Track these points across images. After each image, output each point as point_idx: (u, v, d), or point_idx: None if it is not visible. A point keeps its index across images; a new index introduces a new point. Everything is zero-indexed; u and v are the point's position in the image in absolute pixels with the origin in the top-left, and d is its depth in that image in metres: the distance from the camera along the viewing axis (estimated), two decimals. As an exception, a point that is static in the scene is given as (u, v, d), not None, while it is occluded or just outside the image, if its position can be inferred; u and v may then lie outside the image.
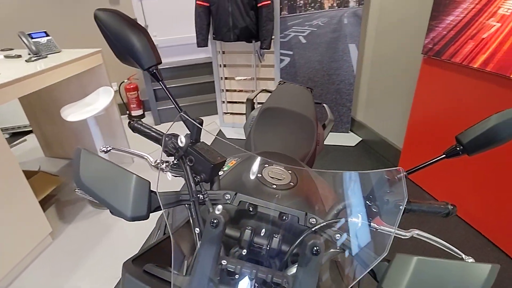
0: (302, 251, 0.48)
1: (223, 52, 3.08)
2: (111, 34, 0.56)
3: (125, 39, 0.56)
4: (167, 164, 0.63)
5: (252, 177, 0.69)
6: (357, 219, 0.54)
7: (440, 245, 0.53)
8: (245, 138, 1.35)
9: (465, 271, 0.44)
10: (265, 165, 0.72)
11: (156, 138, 0.66)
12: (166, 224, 0.87)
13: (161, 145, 0.65)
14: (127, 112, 3.74)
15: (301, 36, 2.81)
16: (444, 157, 0.58)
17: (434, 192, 2.19)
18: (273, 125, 1.22)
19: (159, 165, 0.62)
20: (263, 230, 0.56)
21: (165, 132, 0.64)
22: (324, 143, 1.75)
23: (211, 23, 2.78)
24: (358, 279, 0.50)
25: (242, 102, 3.25)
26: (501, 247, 1.77)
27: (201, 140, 0.61)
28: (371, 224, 0.54)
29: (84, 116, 1.84)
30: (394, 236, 0.52)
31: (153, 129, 0.68)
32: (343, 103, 2.98)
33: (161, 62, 0.59)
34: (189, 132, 0.60)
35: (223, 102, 3.30)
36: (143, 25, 3.44)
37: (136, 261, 0.54)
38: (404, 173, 0.54)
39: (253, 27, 2.68)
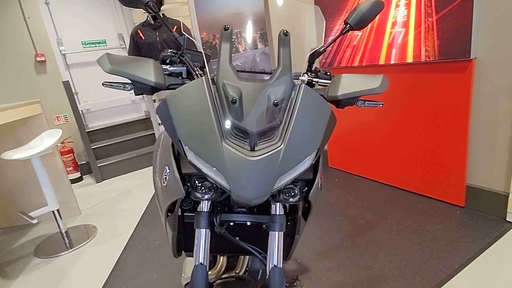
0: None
1: (159, 100, 3.37)
2: None
3: None
4: (169, 66, 0.89)
5: None
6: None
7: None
8: None
9: (372, 78, 0.78)
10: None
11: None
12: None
13: (159, 60, 0.91)
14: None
15: (225, 77, 3.30)
16: (341, 34, 0.93)
17: (361, 172, 2.63)
18: None
19: (163, 65, 0.88)
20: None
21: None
22: None
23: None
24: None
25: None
26: (399, 186, 2.22)
27: None
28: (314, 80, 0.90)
29: (30, 153, 1.85)
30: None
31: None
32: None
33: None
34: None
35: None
36: (73, 91, 3.58)
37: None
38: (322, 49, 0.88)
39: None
